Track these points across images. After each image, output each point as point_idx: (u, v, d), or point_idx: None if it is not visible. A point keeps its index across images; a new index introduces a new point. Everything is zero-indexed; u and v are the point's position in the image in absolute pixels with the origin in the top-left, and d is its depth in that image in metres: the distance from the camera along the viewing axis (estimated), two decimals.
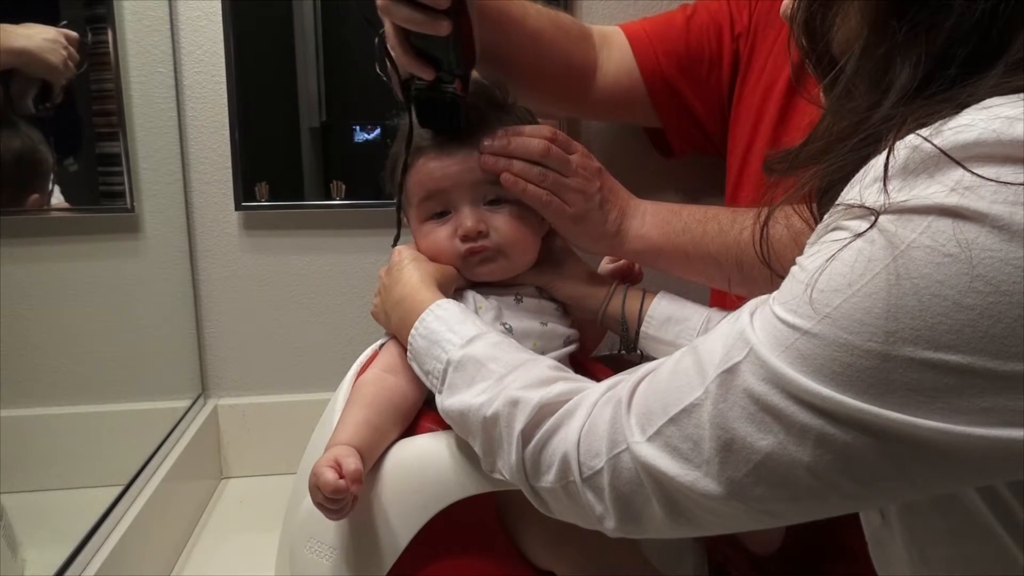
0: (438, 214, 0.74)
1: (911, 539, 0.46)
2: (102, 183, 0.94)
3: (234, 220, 1.06)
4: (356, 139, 1.07)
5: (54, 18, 0.85)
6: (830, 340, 0.37)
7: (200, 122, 1.03)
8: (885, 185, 0.37)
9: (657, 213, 0.76)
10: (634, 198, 0.77)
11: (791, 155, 0.46)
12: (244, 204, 1.05)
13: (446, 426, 0.65)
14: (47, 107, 0.83)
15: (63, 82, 0.84)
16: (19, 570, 0.73)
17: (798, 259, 0.42)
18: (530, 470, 0.54)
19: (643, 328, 0.75)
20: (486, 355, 0.60)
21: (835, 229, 0.39)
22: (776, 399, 0.39)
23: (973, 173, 0.34)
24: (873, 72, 0.41)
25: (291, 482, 0.76)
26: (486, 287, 0.75)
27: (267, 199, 1.05)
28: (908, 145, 0.36)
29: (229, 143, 1.03)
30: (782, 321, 0.40)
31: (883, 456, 0.38)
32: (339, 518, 0.62)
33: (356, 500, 0.61)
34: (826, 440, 0.38)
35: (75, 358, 0.88)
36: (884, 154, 0.37)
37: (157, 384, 1.02)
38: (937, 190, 0.35)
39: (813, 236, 0.42)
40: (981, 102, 0.36)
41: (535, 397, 0.54)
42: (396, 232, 0.79)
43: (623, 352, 0.79)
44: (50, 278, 0.84)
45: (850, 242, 0.38)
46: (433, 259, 0.73)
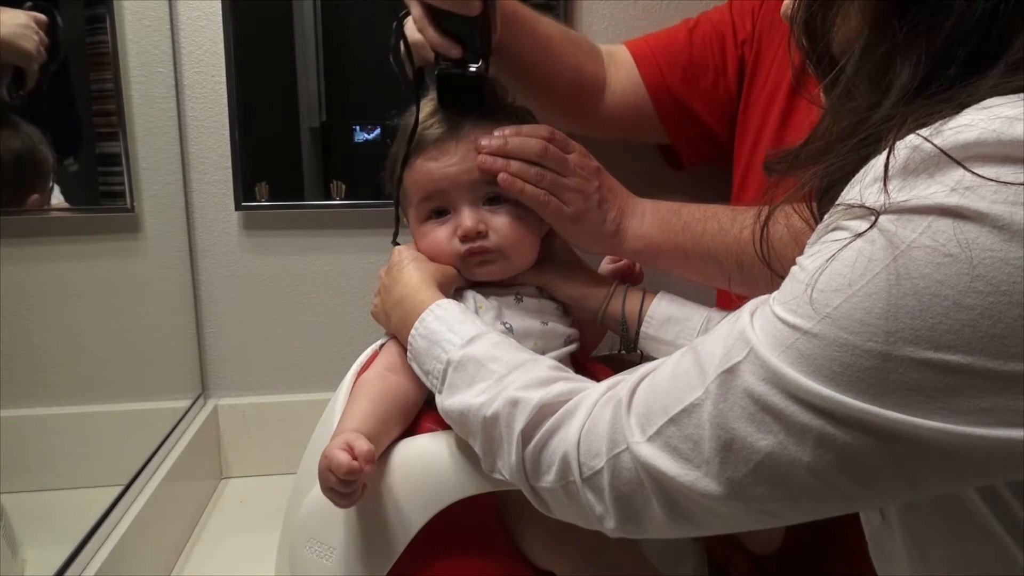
0: (438, 214, 0.74)
1: (911, 539, 0.46)
2: (102, 183, 0.94)
3: (234, 220, 1.06)
4: (356, 139, 1.07)
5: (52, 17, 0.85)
6: (830, 340, 0.37)
7: (200, 122, 1.03)
8: (885, 185, 0.37)
9: (656, 212, 0.76)
10: (633, 197, 0.77)
11: (791, 155, 0.47)
12: (244, 204, 1.05)
13: (446, 426, 0.65)
14: (21, 95, 0.80)
15: (36, 68, 0.81)
16: (19, 570, 0.73)
17: (798, 259, 0.42)
18: (530, 470, 0.54)
19: (643, 328, 0.75)
20: (486, 355, 0.60)
21: (835, 229, 0.39)
22: (776, 399, 0.40)
23: (973, 173, 0.34)
24: (873, 72, 0.41)
25: (291, 482, 0.76)
26: (486, 287, 0.75)
27: (267, 199, 1.05)
28: (908, 145, 0.36)
29: (229, 143, 1.03)
30: (782, 321, 0.40)
31: (883, 456, 0.38)
32: (349, 504, 0.61)
33: (365, 487, 0.61)
34: (826, 440, 0.38)
35: (75, 358, 0.88)
36: (884, 154, 0.37)
37: (157, 384, 1.02)
38: (937, 190, 0.35)
39: (813, 236, 0.42)
40: (981, 102, 0.36)
41: (535, 397, 0.54)
42: (395, 228, 0.79)
43: (623, 352, 0.79)
44: (50, 278, 0.84)
45: (850, 242, 0.38)
46: (433, 259, 0.73)
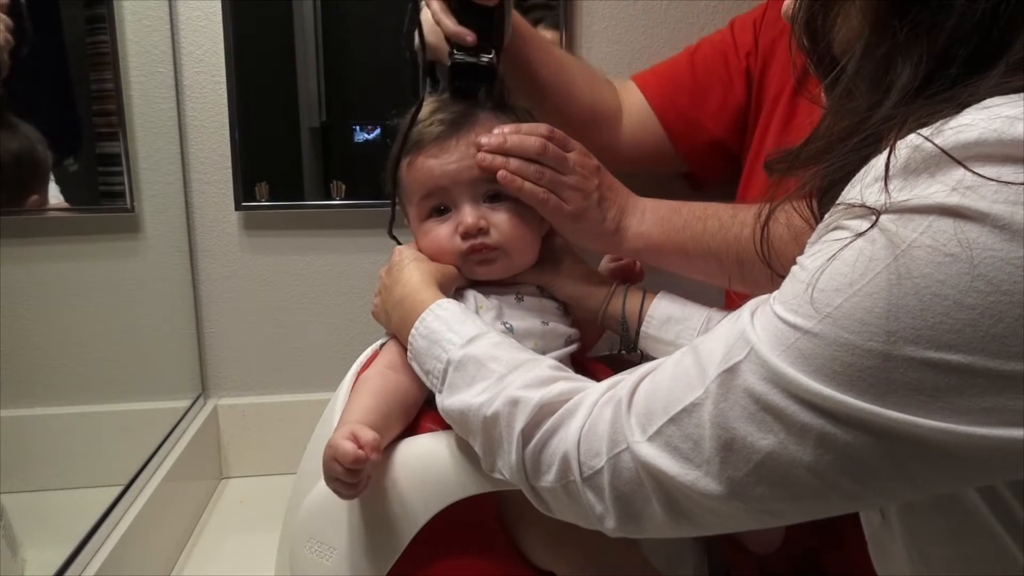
0: (439, 212, 0.74)
1: (911, 539, 0.46)
2: (102, 183, 0.94)
3: (234, 220, 1.06)
4: (356, 139, 1.07)
5: (55, 18, 0.85)
6: (831, 340, 0.37)
7: (200, 122, 1.03)
8: (886, 185, 0.37)
9: (656, 210, 0.76)
10: (633, 195, 0.77)
11: (792, 155, 0.47)
12: (244, 204, 1.05)
13: (446, 426, 0.65)
14: None
15: (6, 56, 0.77)
16: (19, 570, 0.73)
17: (799, 259, 0.42)
18: (530, 470, 0.54)
19: (643, 328, 0.75)
20: (486, 355, 0.60)
21: (836, 228, 0.39)
22: (777, 399, 0.39)
23: (974, 173, 0.34)
24: (874, 72, 0.41)
25: (291, 482, 0.76)
26: (487, 286, 0.75)
27: (267, 199, 1.05)
28: (909, 145, 0.36)
29: (229, 143, 1.03)
30: (783, 320, 0.40)
31: (884, 456, 0.38)
32: (354, 495, 0.61)
33: (370, 478, 0.61)
34: (827, 440, 0.38)
35: (75, 358, 0.88)
36: (885, 153, 0.37)
37: (157, 384, 1.02)
38: (938, 190, 0.35)
39: (814, 236, 0.42)
40: (982, 102, 0.36)
41: (535, 397, 0.54)
42: (390, 214, 0.79)
43: (623, 352, 0.79)
44: (50, 278, 0.84)
45: (851, 242, 0.38)
46: (434, 258, 0.73)
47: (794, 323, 0.39)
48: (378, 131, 1.06)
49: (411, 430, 0.68)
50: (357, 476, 0.59)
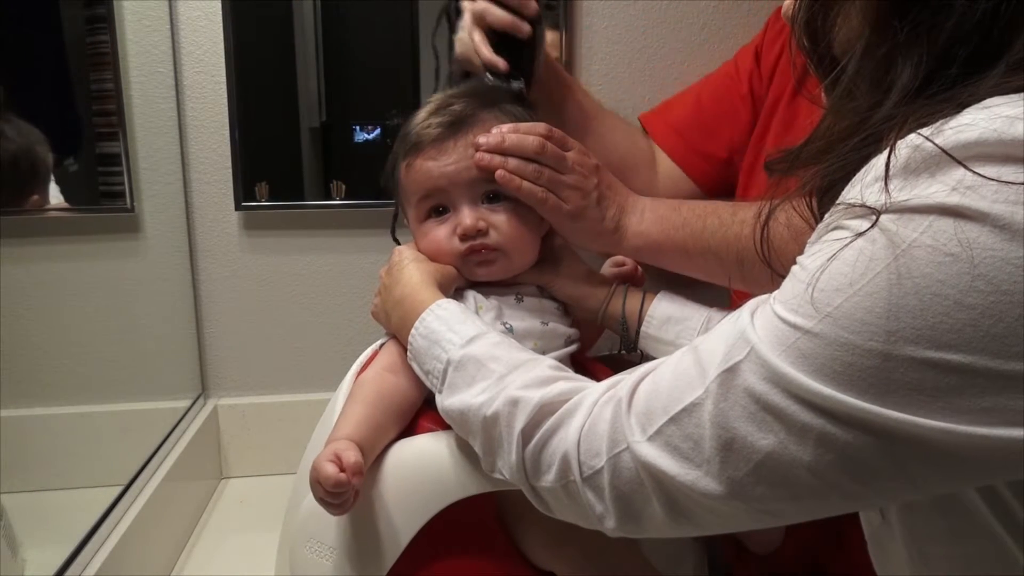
0: (437, 213, 0.74)
1: (911, 538, 0.46)
2: (102, 183, 0.94)
3: (234, 220, 1.06)
4: (356, 139, 1.07)
5: (55, 18, 0.85)
6: (831, 339, 0.37)
7: (200, 122, 1.03)
8: (886, 184, 0.37)
9: (656, 209, 0.76)
10: (632, 194, 0.77)
11: (792, 155, 0.47)
12: (244, 204, 1.05)
13: (446, 426, 0.65)
14: None
15: None
16: (19, 570, 0.73)
17: (799, 258, 0.42)
18: (530, 470, 0.54)
19: (643, 328, 0.75)
20: (486, 355, 0.60)
21: (836, 228, 0.39)
22: (777, 398, 0.39)
23: (974, 172, 0.34)
24: (874, 72, 0.41)
25: (291, 482, 0.76)
26: (487, 286, 0.75)
27: (267, 199, 1.05)
28: (909, 144, 0.36)
29: (229, 143, 1.03)
30: (783, 320, 0.40)
31: (884, 455, 0.38)
32: (341, 513, 0.61)
33: (358, 495, 0.61)
34: (827, 439, 0.38)
35: (75, 358, 0.88)
36: (885, 153, 0.37)
37: (157, 384, 1.02)
38: (938, 189, 0.35)
39: (814, 235, 0.42)
40: (982, 102, 0.36)
41: (535, 396, 0.54)
42: (393, 215, 0.80)
43: (623, 352, 0.79)
44: (50, 278, 0.84)
45: (851, 241, 0.38)
46: (433, 259, 0.73)
47: (794, 323, 0.39)
48: (378, 131, 1.06)
49: (409, 430, 0.68)
50: (341, 498, 0.59)
